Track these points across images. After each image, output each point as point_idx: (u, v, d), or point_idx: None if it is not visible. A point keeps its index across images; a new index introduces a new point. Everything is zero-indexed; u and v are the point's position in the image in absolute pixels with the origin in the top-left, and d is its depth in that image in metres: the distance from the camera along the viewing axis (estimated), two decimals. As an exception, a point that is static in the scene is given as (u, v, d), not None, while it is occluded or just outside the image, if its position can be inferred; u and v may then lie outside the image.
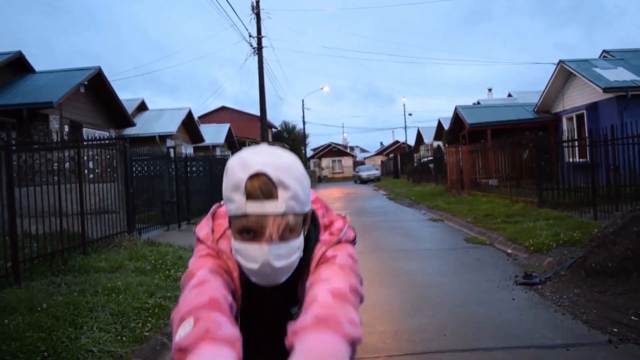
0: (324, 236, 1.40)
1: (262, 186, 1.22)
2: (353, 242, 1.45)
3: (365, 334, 4.87)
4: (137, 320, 5.43)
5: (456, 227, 13.00)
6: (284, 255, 1.26)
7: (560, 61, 18.54)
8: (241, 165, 1.25)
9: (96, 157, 9.85)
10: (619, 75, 17.28)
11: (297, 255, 1.30)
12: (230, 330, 1.12)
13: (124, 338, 4.96)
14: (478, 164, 20.23)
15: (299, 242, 1.30)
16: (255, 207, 1.23)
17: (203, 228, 1.44)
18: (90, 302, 5.74)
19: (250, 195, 1.23)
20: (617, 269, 6.08)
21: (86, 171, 9.70)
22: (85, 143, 9.21)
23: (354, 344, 1.12)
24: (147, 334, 5.15)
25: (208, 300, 1.17)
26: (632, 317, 5.02)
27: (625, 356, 4.22)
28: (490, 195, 17.32)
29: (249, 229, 1.25)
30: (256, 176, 1.23)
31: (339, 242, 1.40)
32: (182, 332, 1.11)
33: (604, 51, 20.02)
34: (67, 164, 9.01)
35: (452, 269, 7.96)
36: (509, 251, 9.18)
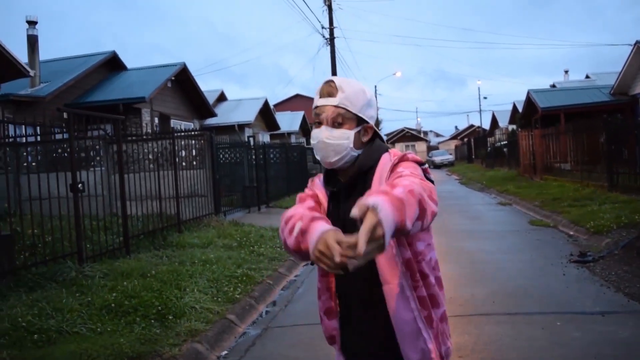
0: (393, 154, 1.85)
1: (327, 88, 1.83)
2: (422, 164, 1.86)
3: (422, 299, 5.64)
4: (229, 285, 6.43)
5: (523, 211, 13.33)
6: (333, 137, 1.80)
7: (636, 42, 18.13)
8: (324, 80, 1.88)
9: (187, 147, 11.02)
10: (701, 55, 16.74)
11: (345, 143, 1.81)
12: (322, 215, 1.74)
13: (219, 299, 5.96)
14: (551, 148, 20.15)
15: (348, 133, 1.81)
16: (321, 102, 1.83)
17: (310, 181, 2.03)
18: (190, 270, 6.80)
19: (320, 95, 1.84)
20: (665, 248, 6.46)
21: (177, 159, 10.89)
22: (178, 134, 10.39)
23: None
24: (238, 296, 6.13)
25: (307, 208, 1.80)
26: (672, 290, 5.46)
27: (656, 322, 4.73)
28: (562, 180, 17.35)
29: (317, 117, 1.85)
30: (327, 82, 1.84)
31: (404, 158, 1.82)
32: (297, 227, 1.67)
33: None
34: (162, 154, 10.20)
35: (511, 248, 8.51)
36: (571, 233, 9.56)
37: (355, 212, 1.40)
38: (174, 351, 4.48)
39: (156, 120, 17.44)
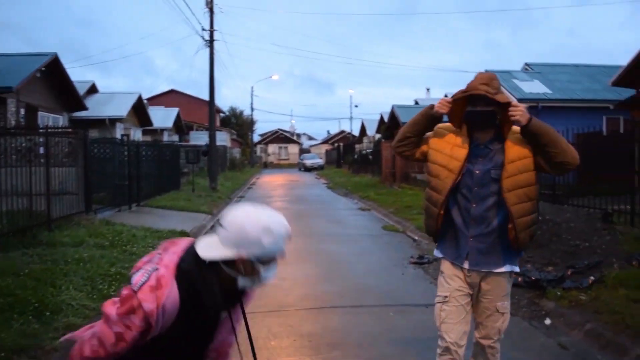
0: None
1: None
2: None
3: (283, 296, 6.56)
4: (103, 283, 6.81)
5: (379, 217, 14.77)
6: None
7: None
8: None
9: (59, 144, 10.97)
10: (534, 87, 19.50)
11: None
12: None
13: (95, 296, 6.34)
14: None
15: None
16: None
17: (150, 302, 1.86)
18: (64, 269, 7.07)
19: None
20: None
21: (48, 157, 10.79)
22: (51, 130, 10.35)
23: None
24: (113, 293, 6.54)
25: None
26: (481, 287, 6.79)
27: (465, 312, 5.95)
28: (416, 189, 19.24)
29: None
30: None
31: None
32: None
33: (525, 64, 22.27)
34: (32, 149, 10.12)
35: (363, 251, 9.67)
36: (416, 238, 10.97)
37: None
38: (54, 344, 4.89)
39: (22, 111, 16.74)
